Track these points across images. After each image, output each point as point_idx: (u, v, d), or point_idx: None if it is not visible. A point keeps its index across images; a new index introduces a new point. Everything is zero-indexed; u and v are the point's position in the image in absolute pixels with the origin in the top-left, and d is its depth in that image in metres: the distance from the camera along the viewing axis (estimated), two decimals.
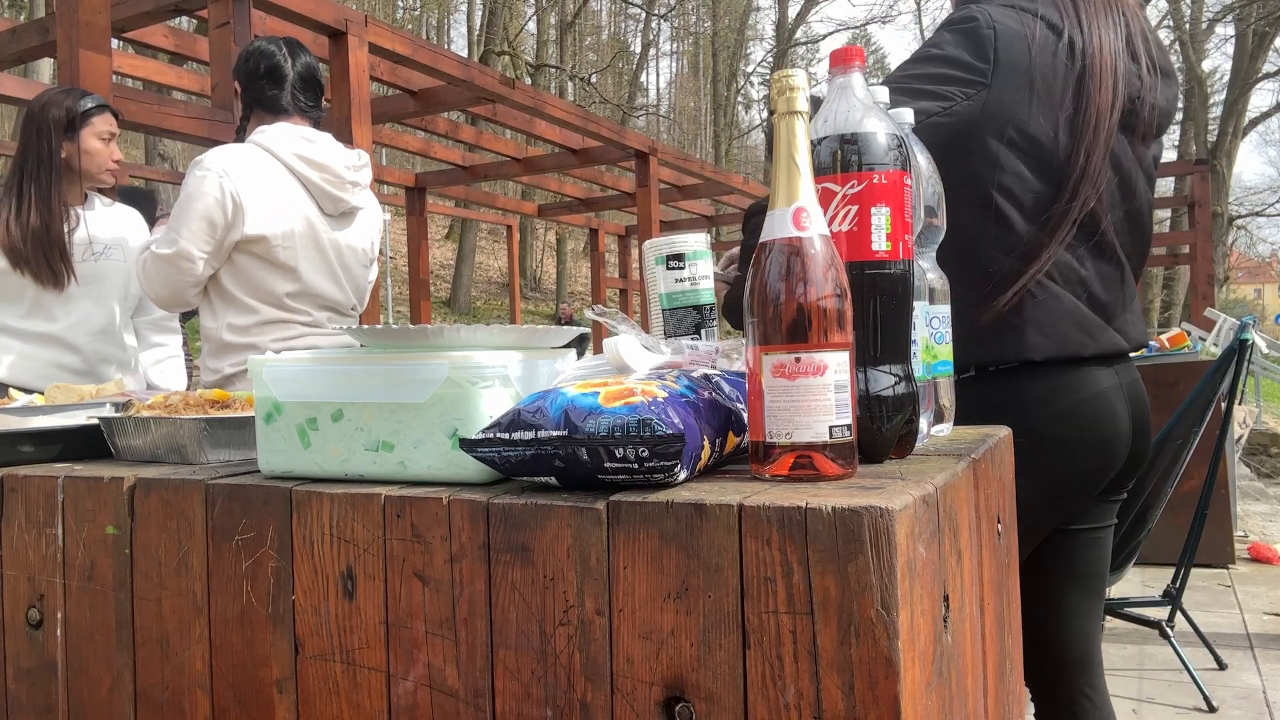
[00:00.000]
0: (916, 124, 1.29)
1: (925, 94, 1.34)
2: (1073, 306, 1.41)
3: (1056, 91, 1.39)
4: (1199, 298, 9.43)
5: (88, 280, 2.29)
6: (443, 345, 0.88)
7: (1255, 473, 7.16)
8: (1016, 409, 1.39)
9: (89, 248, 2.30)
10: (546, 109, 5.95)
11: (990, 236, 1.38)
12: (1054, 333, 1.39)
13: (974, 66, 1.36)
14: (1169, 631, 2.90)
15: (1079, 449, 1.42)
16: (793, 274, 0.75)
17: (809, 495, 0.67)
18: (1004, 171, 1.38)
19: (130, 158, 15.37)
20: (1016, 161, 1.38)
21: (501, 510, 0.75)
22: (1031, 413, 1.40)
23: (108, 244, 2.34)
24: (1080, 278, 1.41)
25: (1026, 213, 1.38)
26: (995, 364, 1.41)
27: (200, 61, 4.84)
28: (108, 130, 2.31)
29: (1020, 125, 1.37)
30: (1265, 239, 38.43)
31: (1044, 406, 1.40)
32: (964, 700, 0.82)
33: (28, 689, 1.04)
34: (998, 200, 1.38)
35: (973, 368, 1.42)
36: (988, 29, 1.37)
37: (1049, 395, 1.41)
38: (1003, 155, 1.38)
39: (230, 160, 2.06)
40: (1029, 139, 1.38)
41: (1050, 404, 1.40)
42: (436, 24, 30.20)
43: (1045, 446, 1.40)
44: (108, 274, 2.34)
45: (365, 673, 0.82)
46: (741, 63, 32.16)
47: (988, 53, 1.36)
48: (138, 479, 0.96)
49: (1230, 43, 22.13)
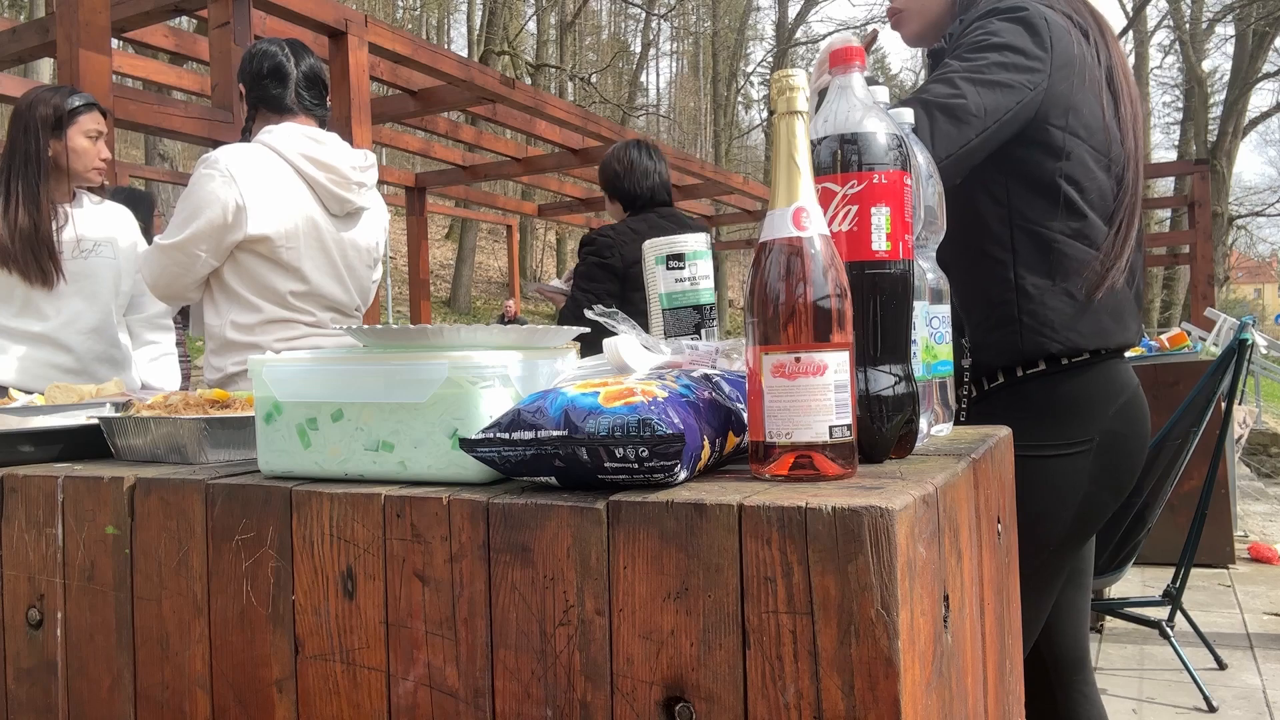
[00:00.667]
0: (994, 119, 1.30)
1: (997, 86, 1.32)
2: (1127, 295, 1.43)
3: (1096, 90, 1.41)
4: (1199, 298, 9.43)
5: (77, 278, 2.29)
6: (443, 345, 0.88)
7: (1255, 473, 7.16)
8: (1088, 404, 1.39)
9: (77, 246, 2.30)
10: (546, 109, 5.95)
11: (1061, 223, 1.38)
12: (1120, 320, 1.41)
13: (1035, 54, 1.36)
14: (1169, 631, 2.90)
15: (1134, 444, 1.43)
16: (793, 274, 0.75)
17: (809, 495, 0.67)
18: (1069, 159, 1.38)
19: (130, 158, 15.37)
20: (1080, 149, 1.39)
21: (501, 510, 0.75)
22: (1101, 408, 1.40)
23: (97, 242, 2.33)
24: (1132, 266, 1.43)
25: (1092, 201, 1.39)
26: (1072, 354, 1.38)
27: (200, 61, 4.85)
28: (95, 128, 2.31)
29: (1077, 113, 1.38)
30: (1265, 239, 38.44)
31: (1109, 401, 1.41)
32: (964, 700, 0.82)
33: (28, 689, 1.04)
34: (1065, 188, 1.38)
35: (1044, 360, 1.39)
36: (1040, 18, 1.38)
37: (1111, 390, 1.41)
38: (1067, 143, 1.38)
39: (236, 159, 2.06)
40: (1086, 127, 1.39)
41: (1114, 399, 1.41)
42: (436, 24, 30.21)
43: (1114, 443, 1.40)
44: (97, 272, 2.33)
45: (365, 673, 0.82)
46: (741, 63, 32.16)
47: (1045, 41, 1.37)
48: (138, 479, 0.96)
49: (1230, 43, 22.13)
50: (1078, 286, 1.37)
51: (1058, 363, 1.39)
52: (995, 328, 1.40)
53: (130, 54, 5.16)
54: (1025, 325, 1.38)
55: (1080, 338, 1.37)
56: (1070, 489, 1.39)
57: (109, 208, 2.44)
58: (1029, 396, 1.40)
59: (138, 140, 17.68)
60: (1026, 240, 1.38)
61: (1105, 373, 1.41)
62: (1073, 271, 1.37)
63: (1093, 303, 1.38)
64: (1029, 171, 1.38)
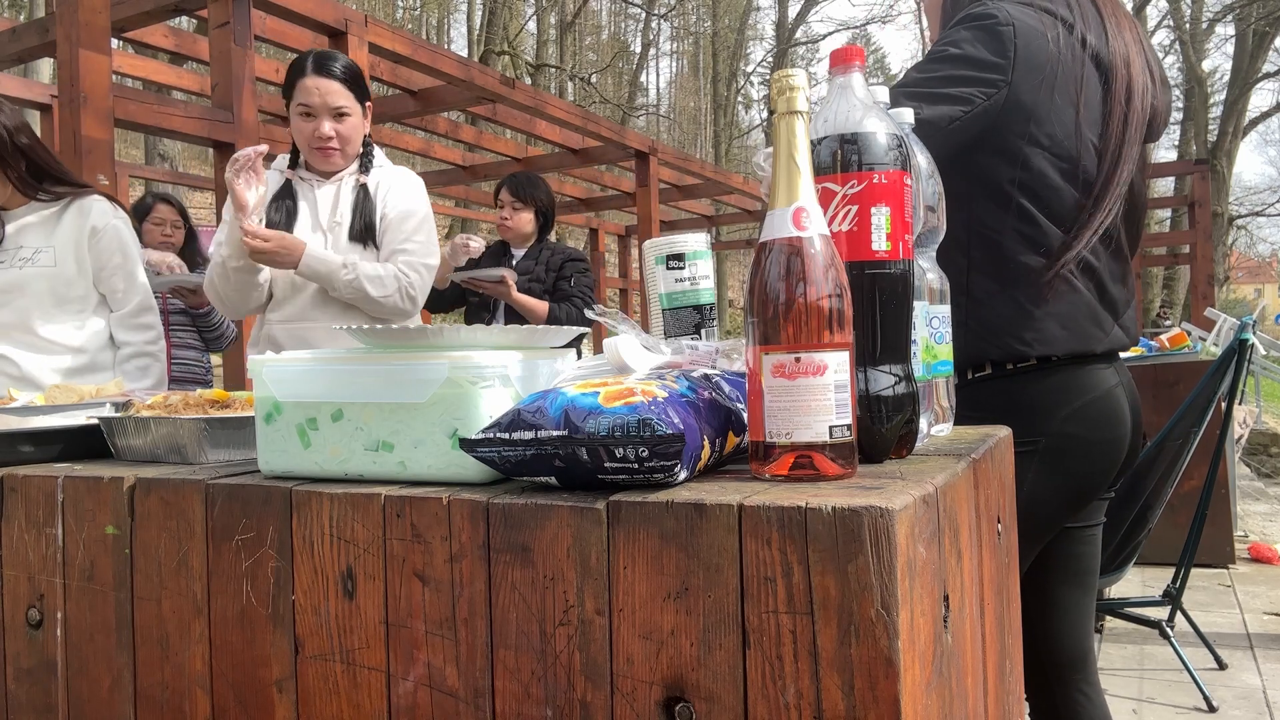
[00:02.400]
0: (939, 129, 1.29)
1: (945, 98, 1.33)
2: (1089, 301, 1.41)
3: (1072, 93, 1.39)
4: (1199, 298, 9.43)
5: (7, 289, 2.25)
6: (443, 345, 0.88)
7: (1255, 473, 7.16)
8: (1036, 408, 1.39)
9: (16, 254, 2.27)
10: (546, 109, 5.95)
11: (1013, 231, 1.38)
12: (1073, 326, 1.39)
13: (994, 64, 1.35)
14: (1169, 631, 2.90)
15: (1095, 448, 1.42)
16: (792, 274, 0.75)
17: (809, 495, 0.67)
18: (1025, 169, 1.38)
19: (130, 158, 15.37)
20: (1039, 159, 1.38)
21: (501, 510, 0.75)
22: (1050, 412, 1.39)
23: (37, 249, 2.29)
24: (1094, 271, 1.42)
25: (1049, 210, 1.39)
26: (1015, 360, 1.39)
27: (200, 61, 4.84)
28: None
29: (1040, 123, 1.37)
30: (1265, 239, 38.42)
31: (1061, 405, 1.40)
32: (964, 700, 0.82)
33: (28, 689, 1.04)
34: (1018, 197, 1.38)
35: (989, 364, 1.40)
36: (1006, 25, 1.37)
37: (1065, 394, 1.40)
38: (1024, 152, 1.37)
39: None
40: (1050, 137, 1.38)
41: (1066, 403, 1.40)
42: (436, 24, 30.18)
43: (1065, 446, 1.40)
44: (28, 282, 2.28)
45: (365, 673, 0.82)
46: (741, 63, 32.14)
47: (1007, 49, 1.36)
48: (138, 479, 0.96)
49: (1230, 43, 22.13)
50: (1025, 293, 1.37)
51: (1002, 368, 1.40)
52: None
53: (130, 54, 5.16)
54: (970, 329, 1.39)
55: (1021, 344, 1.37)
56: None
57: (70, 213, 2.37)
58: (978, 398, 1.40)
59: (138, 140, 17.67)
60: (982, 246, 1.39)
61: (1062, 378, 1.40)
62: (1021, 278, 1.37)
63: (1039, 310, 1.37)
64: (988, 179, 1.38)
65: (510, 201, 3.56)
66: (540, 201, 3.57)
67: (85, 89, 3.01)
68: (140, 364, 2.40)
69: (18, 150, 2.25)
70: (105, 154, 3.04)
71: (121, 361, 2.40)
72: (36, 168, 2.29)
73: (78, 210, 2.33)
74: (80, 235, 2.32)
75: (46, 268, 2.29)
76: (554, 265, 3.51)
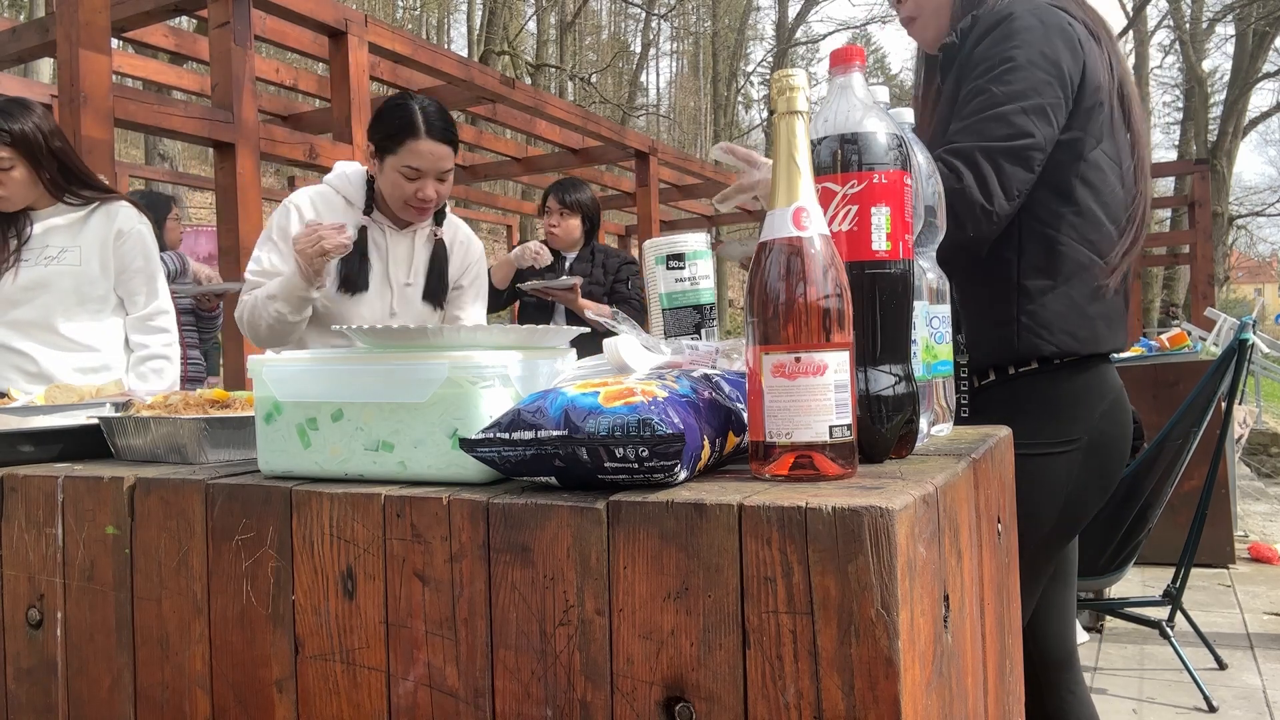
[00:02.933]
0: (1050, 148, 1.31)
1: (1046, 110, 1.32)
2: (1120, 301, 1.44)
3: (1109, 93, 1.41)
4: (1199, 298, 9.43)
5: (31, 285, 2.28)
6: (443, 345, 0.88)
7: (1255, 473, 7.16)
8: (1078, 404, 1.40)
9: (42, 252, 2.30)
10: (546, 109, 5.95)
11: (1069, 226, 1.38)
12: (1114, 326, 1.41)
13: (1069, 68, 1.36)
14: (1169, 631, 2.90)
15: (1121, 444, 1.45)
16: (793, 274, 0.75)
17: (809, 495, 0.67)
18: (1084, 161, 1.38)
19: (130, 158, 15.37)
20: (1097, 153, 1.39)
21: (501, 510, 0.75)
22: (1091, 409, 1.41)
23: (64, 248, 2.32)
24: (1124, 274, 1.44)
25: (1105, 205, 1.39)
26: (1066, 356, 1.39)
27: (200, 61, 4.84)
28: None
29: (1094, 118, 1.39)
30: (1265, 239, 38.42)
31: (1098, 402, 1.42)
32: (964, 700, 0.82)
33: (28, 689, 1.04)
34: (1080, 191, 1.38)
35: (1037, 360, 1.39)
36: (1068, 24, 1.38)
37: (1100, 392, 1.42)
38: (1086, 146, 1.38)
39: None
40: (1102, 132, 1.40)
41: (1101, 400, 1.42)
42: (436, 24, 30.18)
43: (1102, 442, 1.41)
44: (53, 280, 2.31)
45: (365, 672, 0.82)
46: (741, 63, 32.13)
47: (1078, 50, 1.37)
48: (138, 479, 0.96)
49: (1230, 42, 22.12)
50: (1078, 290, 1.38)
51: (1050, 364, 1.39)
52: (993, 326, 1.40)
53: (130, 54, 5.16)
54: (1023, 325, 1.38)
55: (1074, 341, 1.38)
56: (1057, 487, 1.39)
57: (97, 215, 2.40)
58: (1019, 395, 1.40)
59: (138, 140, 17.66)
60: (1034, 241, 1.38)
61: (1095, 375, 1.42)
62: (1075, 275, 1.38)
63: (1091, 307, 1.38)
64: (1047, 174, 1.37)
65: (558, 209, 3.63)
66: (586, 206, 3.66)
67: (85, 89, 3.02)
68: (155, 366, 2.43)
69: (51, 154, 2.31)
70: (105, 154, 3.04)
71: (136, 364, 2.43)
72: (68, 171, 2.35)
73: (105, 214, 2.40)
74: (106, 237, 2.38)
75: (72, 266, 2.34)
76: (611, 268, 3.61)
